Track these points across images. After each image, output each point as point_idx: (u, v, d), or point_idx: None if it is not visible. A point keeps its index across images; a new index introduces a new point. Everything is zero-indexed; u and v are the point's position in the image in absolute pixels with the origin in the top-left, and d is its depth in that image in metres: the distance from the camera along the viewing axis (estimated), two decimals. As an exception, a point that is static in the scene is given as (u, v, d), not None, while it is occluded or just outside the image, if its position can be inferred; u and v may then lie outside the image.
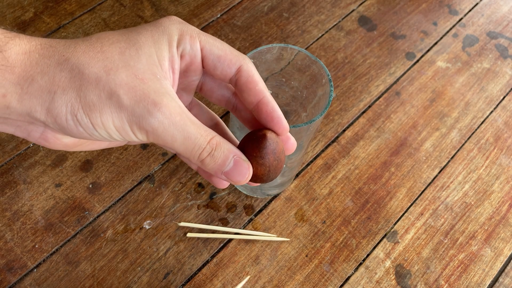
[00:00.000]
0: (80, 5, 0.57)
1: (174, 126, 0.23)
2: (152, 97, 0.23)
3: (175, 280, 0.42)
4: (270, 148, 0.27)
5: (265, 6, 0.60)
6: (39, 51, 0.23)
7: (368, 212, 0.47)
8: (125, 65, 0.24)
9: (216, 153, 0.25)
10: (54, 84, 0.23)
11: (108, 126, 0.23)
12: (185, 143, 0.24)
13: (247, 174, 0.26)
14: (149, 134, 0.23)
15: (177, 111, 0.24)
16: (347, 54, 0.57)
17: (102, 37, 0.25)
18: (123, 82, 0.23)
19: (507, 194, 0.49)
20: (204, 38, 0.27)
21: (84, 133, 0.24)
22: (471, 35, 0.61)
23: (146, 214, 0.44)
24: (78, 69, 0.23)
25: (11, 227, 0.43)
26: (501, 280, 0.44)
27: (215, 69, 0.27)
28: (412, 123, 0.53)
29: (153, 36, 0.25)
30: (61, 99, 0.23)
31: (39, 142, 0.26)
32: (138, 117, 0.23)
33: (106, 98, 0.23)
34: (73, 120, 0.23)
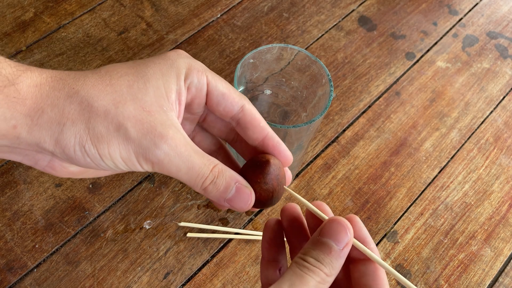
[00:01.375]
0: (80, 5, 0.57)
1: (179, 157, 0.24)
2: (159, 130, 0.24)
3: (175, 280, 0.42)
4: (274, 173, 0.27)
5: (265, 6, 0.60)
6: (49, 84, 0.24)
7: (368, 212, 0.47)
8: (133, 98, 0.24)
9: (218, 180, 0.26)
10: (64, 116, 0.24)
11: (115, 157, 0.24)
12: (189, 173, 0.25)
13: (249, 200, 0.26)
14: (155, 165, 0.24)
15: (182, 142, 0.25)
16: (347, 54, 0.57)
17: (111, 70, 0.25)
18: (131, 115, 0.24)
19: (507, 194, 0.49)
20: (210, 75, 0.27)
21: (91, 163, 0.24)
22: (471, 35, 0.61)
23: (146, 214, 0.44)
24: (87, 102, 0.24)
25: (11, 227, 0.43)
26: (501, 280, 0.44)
27: (218, 105, 0.28)
28: (412, 123, 0.53)
29: (161, 69, 0.26)
30: (70, 130, 0.23)
31: (46, 170, 0.27)
32: (145, 149, 0.24)
33: (114, 130, 0.24)
34: (81, 151, 0.24)
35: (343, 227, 0.24)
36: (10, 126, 0.23)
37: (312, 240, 0.25)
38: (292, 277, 0.23)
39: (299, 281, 0.23)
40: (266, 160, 0.27)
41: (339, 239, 0.24)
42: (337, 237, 0.24)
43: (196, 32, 0.57)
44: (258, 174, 0.27)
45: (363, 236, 0.26)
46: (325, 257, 0.24)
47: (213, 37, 0.56)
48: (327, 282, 0.24)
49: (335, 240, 0.24)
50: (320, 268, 0.23)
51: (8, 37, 0.53)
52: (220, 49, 0.56)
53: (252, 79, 0.42)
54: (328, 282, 0.24)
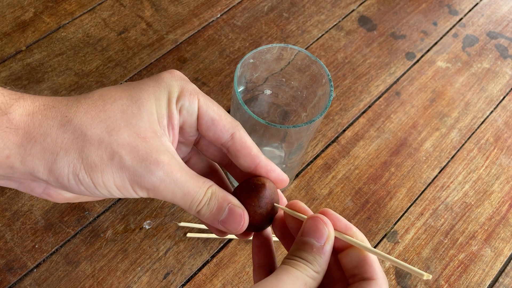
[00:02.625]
0: (80, 5, 0.57)
1: (174, 184, 0.24)
2: (154, 156, 0.24)
3: (175, 280, 0.42)
4: (269, 197, 0.27)
5: (265, 6, 0.60)
6: (42, 112, 0.24)
7: (368, 212, 0.47)
8: (127, 124, 0.24)
9: (211, 202, 0.26)
10: (57, 145, 0.23)
11: (109, 186, 0.24)
12: (184, 198, 0.25)
13: (242, 221, 0.26)
14: (150, 192, 0.24)
15: (177, 168, 0.25)
16: (347, 54, 0.57)
17: (104, 94, 0.25)
18: (125, 142, 0.24)
19: (507, 194, 0.49)
20: (202, 98, 0.27)
21: (85, 191, 0.24)
22: (471, 35, 0.61)
23: (146, 214, 0.44)
24: (80, 130, 0.24)
25: (11, 227, 0.43)
26: (501, 280, 0.44)
27: (208, 130, 0.28)
28: (412, 123, 0.53)
29: (155, 92, 0.26)
30: (63, 160, 0.23)
31: (42, 197, 0.27)
32: (140, 176, 0.24)
33: (108, 159, 0.24)
34: (75, 180, 0.24)
35: (320, 223, 0.25)
36: (3, 157, 0.23)
37: (296, 242, 0.25)
38: (279, 271, 0.24)
39: (287, 274, 0.23)
40: (261, 184, 0.27)
41: (318, 235, 0.25)
42: (316, 234, 0.25)
43: (196, 32, 0.57)
44: (253, 198, 0.27)
45: (343, 225, 0.26)
46: (309, 255, 0.24)
47: (213, 37, 0.56)
48: (317, 278, 0.24)
49: (315, 237, 0.25)
50: (307, 265, 0.24)
51: (8, 37, 0.53)
52: (220, 49, 0.56)
53: (252, 79, 0.42)
54: (317, 278, 0.24)
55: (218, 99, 0.52)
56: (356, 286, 0.24)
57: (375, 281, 0.24)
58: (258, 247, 0.29)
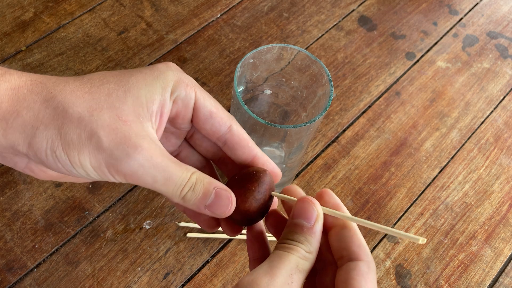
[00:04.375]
0: (80, 5, 0.57)
1: (155, 168, 0.24)
2: (133, 140, 0.23)
3: (175, 280, 0.42)
4: (269, 184, 0.27)
5: (265, 6, 0.60)
6: (28, 87, 0.24)
7: (368, 212, 0.47)
8: (109, 106, 0.24)
9: (197, 186, 0.25)
10: (38, 120, 0.23)
11: (85, 166, 0.24)
12: (166, 183, 0.24)
13: (230, 204, 0.26)
14: (128, 177, 0.24)
15: (158, 153, 0.24)
16: (347, 54, 0.57)
17: (93, 78, 0.25)
18: (105, 124, 0.23)
19: (507, 194, 0.49)
20: (199, 91, 0.27)
21: (63, 169, 0.24)
22: (471, 35, 0.61)
23: (146, 214, 0.44)
24: (62, 107, 0.23)
25: (11, 227, 0.43)
26: (501, 280, 0.44)
27: (205, 123, 0.27)
28: (412, 123, 0.53)
29: (145, 79, 0.25)
30: (42, 134, 0.23)
31: (25, 172, 0.26)
32: (116, 159, 0.23)
33: (86, 138, 0.23)
34: (52, 156, 0.23)
35: (309, 204, 0.25)
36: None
37: (287, 225, 0.26)
38: (271, 257, 0.24)
39: (278, 259, 0.23)
40: (262, 170, 0.27)
41: (308, 216, 0.25)
42: (306, 215, 0.25)
43: (196, 32, 0.57)
44: (254, 182, 0.26)
45: (335, 203, 0.26)
46: (300, 236, 0.24)
47: (213, 37, 0.56)
48: (309, 259, 0.24)
49: (305, 218, 0.25)
50: (299, 246, 0.24)
51: (8, 37, 0.53)
52: (220, 49, 0.56)
53: (252, 79, 0.42)
54: (310, 258, 0.24)
55: (218, 99, 0.52)
56: (344, 267, 0.24)
57: (363, 262, 0.24)
58: (252, 240, 0.29)
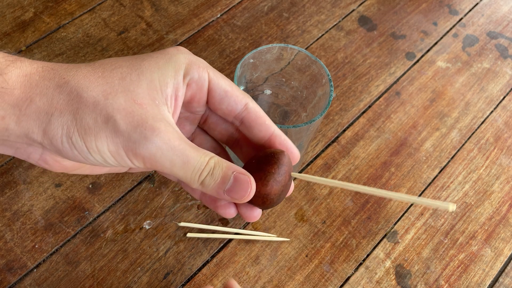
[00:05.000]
0: (80, 5, 0.57)
1: (172, 151, 0.23)
2: (150, 123, 0.23)
3: (175, 280, 0.42)
4: (288, 165, 0.26)
5: (265, 6, 0.60)
6: (40, 73, 0.23)
7: (368, 212, 0.47)
8: (124, 90, 0.23)
9: (215, 171, 0.25)
10: (52, 106, 0.23)
11: (103, 151, 0.23)
12: (184, 167, 0.24)
13: (249, 188, 0.25)
14: (146, 160, 0.23)
15: (175, 136, 0.23)
16: (347, 54, 0.57)
17: (105, 63, 0.25)
18: (121, 107, 0.23)
19: (507, 194, 0.49)
20: (212, 72, 0.26)
21: (79, 156, 0.23)
22: (471, 35, 0.61)
23: (146, 214, 0.44)
24: (76, 92, 0.23)
25: (11, 227, 0.43)
26: (501, 280, 0.44)
27: (221, 103, 0.27)
28: (412, 123, 0.53)
29: (157, 62, 0.25)
30: (57, 121, 0.23)
31: (39, 164, 0.26)
32: (134, 142, 0.23)
33: (103, 123, 0.23)
34: (68, 143, 0.23)
35: None
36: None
37: None
38: None
39: None
40: (280, 152, 0.26)
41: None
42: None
43: (196, 32, 0.57)
44: (273, 164, 0.26)
45: None
46: None
47: (213, 37, 0.56)
48: None
49: None
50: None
51: (8, 37, 0.53)
52: (220, 49, 0.56)
53: (252, 79, 0.42)
54: None
55: (218, 99, 0.51)
56: None
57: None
58: None
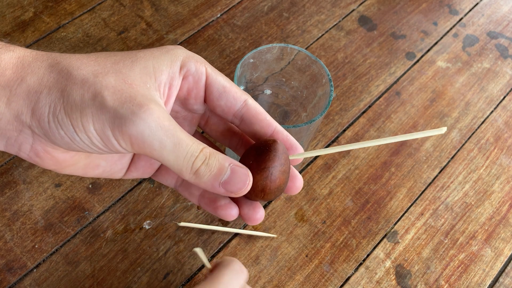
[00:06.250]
0: (80, 5, 0.57)
1: (162, 130, 0.22)
2: (139, 99, 0.22)
3: (175, 280, 0.42)
4: (285, 154, 0.25)
5: (265, 6, 0.60)
6: (33, 56, 0.23)
7: (368, 212, 0.47)
8: (115, 71, 0.23)
9: (211, 161, 0.23)
10: (42, 84, 0.22)
11: (88, 129, 0.22)
12: (175, 150, 0.22)
13: (247, 180, 0.24)
14: (133, 140, 0.22)
15: (166, 116, 0.22)
16: (347, 54, 0.57)
17: (100, 53, 0.24)
18: (109, 85, 0.22)
19: (508, 194, 0.49)
20: (210, 68, 0.26)
21: (65, 137, 0.22)
22: (471, 35, 0.61)
23: (146, 214, 0.44)
24: (67, 70, 0.23)
25: (10, 227, 0.43)
26: (502, 280, 0.44)
27: (219, 99, 0.26)
28: (412, 123, 0.53)
29: (153, 53, 0.25)
30: (45, 99, 0.22)
31: (31, 157, 0.25)
32: (121, 118, 0.21)
33: (89, 99, 0.22)
34: (54, 122, 0.22)
35: None
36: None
37: None
38: None
39: None
40: (273, 140, 0.25)
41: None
42: None
43: (196, 32, 0.57)
44: (269, 154, 0.24)
45: None
46: None
47: (213, 37, 0.56)
48: None
49: None
50: None
51: (8, 37, 0.53)
52: (220, 49, 0.56)
53: (252, 79, 0.42)
54: None
55: (218, 99, 0.51)
56: None
57: None
58: None
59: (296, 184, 0.28)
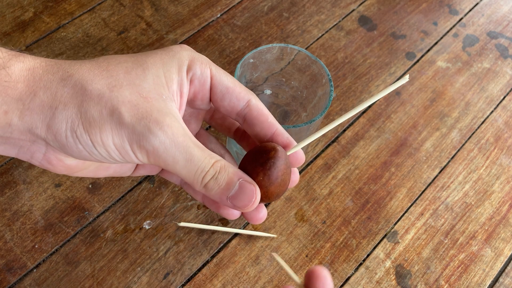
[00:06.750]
0: (80, 5, 0.57)
1: (176, 147, 0.23)
2: (155, 116, 0.22)
3: (175, 280, 0.42)
4: (283, 163, 0.25)
5: (265, 6, 0.60)
6: (43, 67, 0.23)
7: (368, 212, 0.47)
8: (129, 83, 0.23)
9: (220, 176, 0.24)
10: (56, 99, 0.22)
11: (108, 144, 0.23)
12: (187, 165, 0.23)
13: (254, 197, 0.24)
14: (150, 154, 0.23)
15: (180, 132, 0.23)
16: (347, 54, 0.57)
17: (109, 58, 0.24)
18: (126, 99, 0.22)
19: (508, 194, 0.49)
20: (214, 68, 0.26)
21: (84, 151, 0.23)
22: (471, 35, 0.61)
23: (146, 214, 0.44)
24: (81, 84, 0.23)
25: (10, 227, 0.43)
26: (502, 280, 0.44)
27: (223, 99, 0.26)
28: (412, 123, 0.53)
29: (162, 59, 0.25)
30: (61, 114, 0.22)
31: (43, 165, 0.25)
32: (139, 135, 0.22)
33: (107, 115, 0.22)
34: (72, 137, 0.22)
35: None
36: (1, 112, 0.22)
37: None
38: None
39: None
40: (273, 146, 0.25)
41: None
42: None
43: (196, 32, 0.57)
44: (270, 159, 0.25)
45: None
46: None
47: (213, 37, 0.56)
48: None
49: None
50: None
51: (8, 37, 0.53)
52: (220, 49, 0.56)
53: (252, 79, 0.42)
54: None
55: (218, 99, 0.51)
56: None
57: None
58: None
59: (292, 178, 0.28)
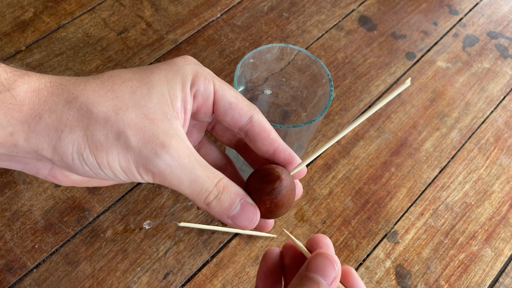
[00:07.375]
0: (80, 5, 0.57)
1: (181, 169, 0.23)
2: (161, 139, 0.23)
3: (175, 280, 0.42)
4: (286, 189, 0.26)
5: (265, 6, 0.60)
6: (48, 89, 0.23)
7: (368, 212, 0.47)
8: (135, 104, 0.23)
9: (223, 196, 0.24)
10: (62, 122, 0.22)
11: (114, 167, 0.23)
12: (191, 186, 0.24)
13: (254, 219, 0.25)
14: (155, 176, 0.23)
15: (186, 153, 0.23)
16: (347, 54, 0.57)
17: (114, 75, 0.24)
18: (132, 122, 0.23)
19: (508, 194, 0.49)
20: (218, 82, 0.26)
21: (90, 172, 0.23)
22: (471, 35, 0.61)
23: (146, 214, 0.44)
24: (86, 107, 0.23)
25: (10, 227, 0.43)
26: (502, 280, 0.44)
27: (225, 115, 0.26)
28: (412, 123, 0.53)
29: (166, 75, 0.25)
30: (68, 138, 0.22)
31: (48, 179, 0.26)
32: (145, 158, 0.23)
33: (114, 139, 0.23)
34: (79, 159, 0.23)
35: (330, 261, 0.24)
36: (7, 134, 0.22)
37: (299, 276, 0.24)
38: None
39: None
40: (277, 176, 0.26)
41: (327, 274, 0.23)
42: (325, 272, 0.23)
43: (196, 32, 0.57)
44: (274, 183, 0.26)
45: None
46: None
47: (213, 37, 0.56)
48: None
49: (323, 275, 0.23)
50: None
51: (8, 37, 0.53)
52: (220, 49, 0.56)
53: (252, 79, 0.42)
54: None
55: (218, 99, 0.51)
56: None
57: None
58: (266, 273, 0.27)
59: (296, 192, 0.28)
